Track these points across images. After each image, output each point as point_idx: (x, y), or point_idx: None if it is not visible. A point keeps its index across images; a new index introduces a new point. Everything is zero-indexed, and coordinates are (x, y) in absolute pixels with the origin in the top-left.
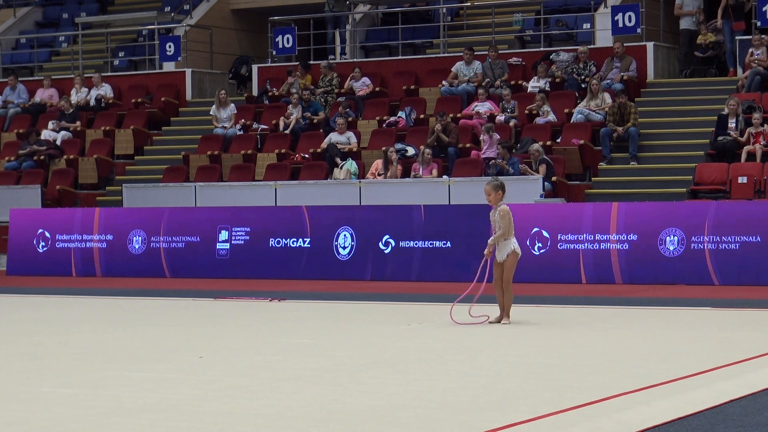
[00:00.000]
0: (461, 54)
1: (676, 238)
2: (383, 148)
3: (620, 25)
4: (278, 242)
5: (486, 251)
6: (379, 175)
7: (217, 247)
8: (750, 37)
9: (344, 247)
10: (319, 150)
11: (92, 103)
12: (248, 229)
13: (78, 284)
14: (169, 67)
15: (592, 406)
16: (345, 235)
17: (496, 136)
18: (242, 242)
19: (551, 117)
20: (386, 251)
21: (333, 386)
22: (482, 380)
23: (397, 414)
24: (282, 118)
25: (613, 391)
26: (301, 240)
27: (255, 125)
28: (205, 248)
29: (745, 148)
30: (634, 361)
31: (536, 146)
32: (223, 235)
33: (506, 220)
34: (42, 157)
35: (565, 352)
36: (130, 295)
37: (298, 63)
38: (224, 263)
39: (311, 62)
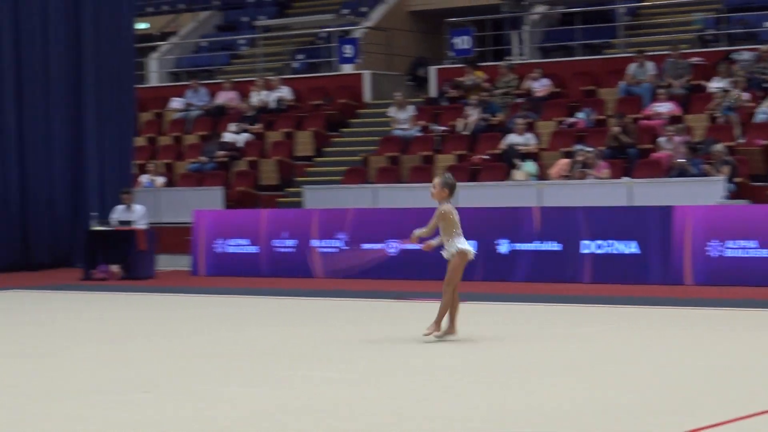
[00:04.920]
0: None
1: None
2: (573, 149)
3: None
4: None
5: (422, 245)
6: (564, 176)
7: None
8: None
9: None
10: (497, 151)
11: (272, 105)
12: None
13: (261, 284)
14: (347, 69)
15: None
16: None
17: (677, 138)
18: None
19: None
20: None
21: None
22: (673, 382)
23: (586, 415)
24: (460, 119)
25: None
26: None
27: (433, 127)
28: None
29: None
30: None
31: (719, 147)
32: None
33: (446, 221)
34: (224, 159)
35: (745, 355)
36: (313, 296)
37: (464, 65)
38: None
39: (487, 64)
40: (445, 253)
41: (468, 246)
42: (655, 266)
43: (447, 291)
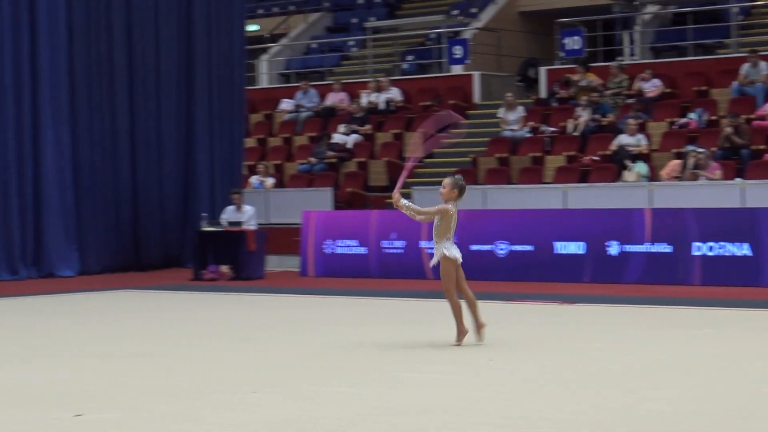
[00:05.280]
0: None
1: None
2: (685, 149)
3: None
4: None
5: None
6: (675, 177)
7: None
8: None
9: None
10: (608, 152)
11: (381, 106)
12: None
13: (369, 285)
14: (456, 70)
15: None
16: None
17: None
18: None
19: None
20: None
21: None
22: None
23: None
24: (570, 120)
25: None
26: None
27: (543, 128)
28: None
29: None
30: None
31: None
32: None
33: (445, 220)
34: (333, 160)
35: None
36: (421, 297)
37: (575, 66)
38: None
39: (597, 64)
40: (433, 260)
41: (455, 253)
42: (767, 268)
43: (450, 297)
